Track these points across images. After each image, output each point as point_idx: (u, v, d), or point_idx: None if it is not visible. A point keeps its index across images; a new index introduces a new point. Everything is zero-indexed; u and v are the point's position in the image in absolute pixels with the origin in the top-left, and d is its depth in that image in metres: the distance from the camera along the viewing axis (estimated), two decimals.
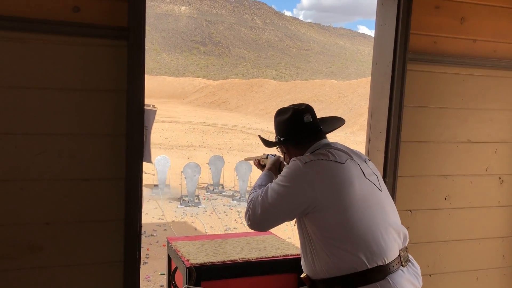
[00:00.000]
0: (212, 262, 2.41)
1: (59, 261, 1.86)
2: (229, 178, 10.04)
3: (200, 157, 13.74)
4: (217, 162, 9.42)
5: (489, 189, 2.61)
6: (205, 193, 9.21)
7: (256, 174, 8.37)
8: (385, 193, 1.79)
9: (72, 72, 1.82)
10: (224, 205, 8.33)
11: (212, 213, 7.79)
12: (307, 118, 1.84)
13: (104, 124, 1.88)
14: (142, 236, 2.05)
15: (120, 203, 1.92)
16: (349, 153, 1.77)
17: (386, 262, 1.62)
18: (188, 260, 2.42)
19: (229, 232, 6.72)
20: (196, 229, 6.78)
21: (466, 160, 2.53)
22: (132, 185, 1.93)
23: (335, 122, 1.96)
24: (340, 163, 1.69)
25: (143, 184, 1.99)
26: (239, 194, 8.77)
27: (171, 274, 2.47)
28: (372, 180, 1.74)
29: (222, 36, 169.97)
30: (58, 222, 1.85)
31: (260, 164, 2.26)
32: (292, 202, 1.67)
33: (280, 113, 1.93)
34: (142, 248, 2.03)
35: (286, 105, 2.05)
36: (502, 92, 2.55)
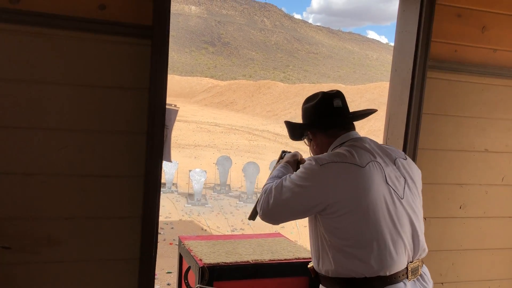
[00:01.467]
0: (225, 263, 2.42)
1: (77, 255, 1.87)
2: (236, 179, 10.06)
3: (207, 157, 13.77)
4: (224, 163, 9.45)
5: (504, 199, 2.59)
6: (212, 193, 9.23)
7: (264, 175, 8.35)
8: (407, 200, 1.69)
9: (95, 69, 1.83)
10: (230, 206, 8.34)
11: (218, 213, 7.81)
12: (337, 102, 1.76)
13: (125, 121, 1.89)
14: None
15: (139, 201, 1.93)
16: (375, 153, 1.68)
17: (388, 274, 1.58)
18: (201, 260, 2.43)
19: (235, 232, 6.73)
20: (202, 229, 6.79)
21: (482, 169, 2.52)
22: (151, 183, 1.94)
23: (366, 110, 1.87)
24: (360, 166, 1.61)
25: None
26: (246, 195, 8.78)
27: (184, 273, 2.47)
28: (394, 186, 1.65)
29: (231, 37, 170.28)
30: (77, 217, 1.86)
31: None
32: (305, 202, 1.64)
33: (309, 99, 1.85)
34: None
35: (294, 107, 2.02)
36: None
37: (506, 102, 2.51)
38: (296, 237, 6.21)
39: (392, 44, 2.67)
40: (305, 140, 1.92)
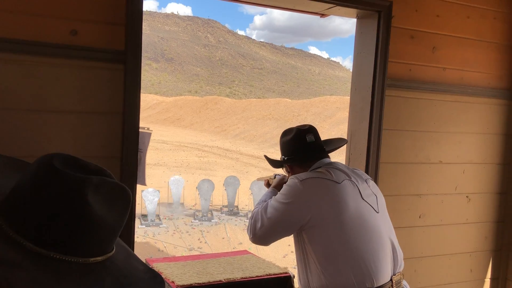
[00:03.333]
0: (198, 284, 2.41)
1: None
2: (189, 197, 9.97)
3: (157, 175, 13.55)
4: (177, 183, 9.36)
5: (458, 207, 2.78)
6: (166, 212, 9.09)
7: (218, 192, 8.36)
8: (383, 215, 1.83)
9: (68, 94, 1.81)
10: (186, 225, 8.26)
11: (174, 233, 7.70)
12: (310, 138, 1.91)
13: (99, 146, 1.87)
14: None
15: None
16: (348, 173, 1.82)
17: (375, 286, 1.66)
18: (173, 282, 2.41)
19: (193, 252, 6.66)
20: (159, 250, 6.67)
21: (438, 180, 2.69)
22: None
23: (337, 142, 2.04)
24: (337, 182, 1.74)
25: None
26: (201, 213, 8.72)
27: None
28: (370, 202, 1.78)
29: (175, 53, 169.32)
30: None
31: (268, 184, 2.31)
32: (290, 218, 1.73)
33: (285, 134, 2.00)
34: None
35: (242, 123, 2.13)
36: (469, 116, 2.74)
37: (456, 117, 2.71)
38: (254, 252, 6.24)
39: (333, 59, 2.84)
40: (284, 170, 2.07)
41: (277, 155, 2.14)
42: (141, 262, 1.03)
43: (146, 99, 56.07)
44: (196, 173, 14.91)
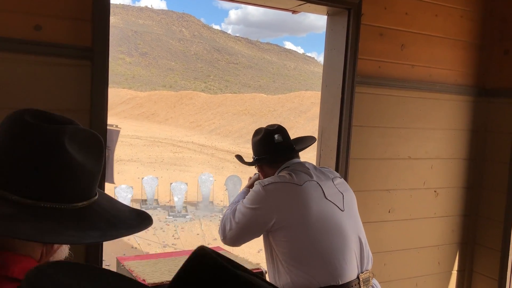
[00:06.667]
0: (170, 281, 2.40)
1: None
2: (163, 193, 9.90)
3: (131, 171, 13.39)
4: (151, 182, 9.27)
5: (426, 201, 2.84)
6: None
7: (192, 188, 8.28)
8: (349, 212, 1.84)
9: (33, 91, 1.77)
10: (160, 221, 8.20)
11: (148, 230, 7.64)
12: (278, 138, 1.94)
13: None
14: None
15: None
16: (312, 174, 1.85)
17: (340, 283, 1.69)
18: (144, 280, 2.39)
19: (167, 249, 6.62)
20: (133, 247, 6.60)
21: (406, 175, 2.74)
22: None
23: (306, 140, 2.07)
24: (298, 185, 1.78)
25: None
26: (175, 209, 8.67)
27: None
28: (334, 200, 1.80)
29: (149, 47, 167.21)
30: None
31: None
32: (255, 223, 1.80)
33: (255, 134, 2.03)
34: None
35: (217, 118, 2.14)
36: (437, 113, 2.80)
37: (425, 113, 2.76)
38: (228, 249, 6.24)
39: (308, 54, 2.86)
40: (257, 169, 2.11)
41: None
42: (123, 204, 1.08)
43: (120, 94, 55.24)
44: (171, 168, 14.81)
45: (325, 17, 2.63)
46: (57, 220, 0.85)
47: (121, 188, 8.21)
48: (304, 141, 2.06)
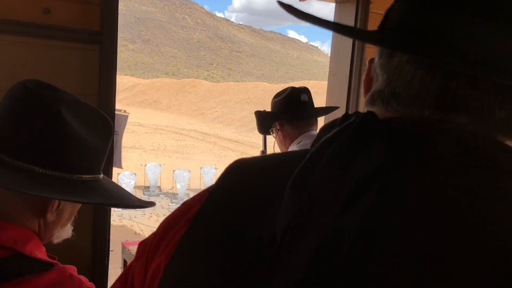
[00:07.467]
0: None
1: None
2: (166, 181, 9.93)
3: (133, 158, 13.43)
4: (154, 169, 9.31)
5: None
6: (142, 196, 9.05)
7: (195, 175, 8.28)
8: None
9: (42, 75, 1.76)
10: (163, 208, 8.23)
11: (151, 216, 7.68)
12: (304, 97, 1.90)
13: None
14: None
15: (90, 207, 1.89)
16: None
17: None
18: None
19: None
20: (136, 233, 6.65)
21: None
22: None
23: (328, 108, 2.07)
24: None
25: None
26: (178, 196, 8.71)
27: None
28: None
29: (152, 34, 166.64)
30: None
31: None
32: None
33: (278, 94, 1.97)
34: None
35: (220, 106, 2.12)
36: None
37: None
38: None
39: (312, 43, 2.85)
40: (273, 131, 2.01)
41: (256, 139, 2.14)
42: (130, 193, 1.08)
43: (122, 81, 55.19)
44: (174, 156, 14.84)
45: (330, 5, 2.61)
46: (48, 185, 0.85)
47: (124, 175, 8.24)
48: (326, 109, 2.05)
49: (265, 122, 2.01)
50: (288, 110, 1.90)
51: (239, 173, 0.55)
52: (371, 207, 0.41)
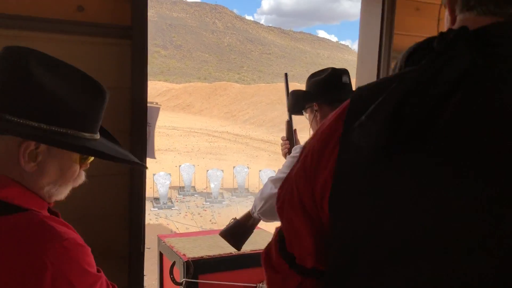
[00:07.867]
0: (209, 256, 2.48)
1: None
2: (200, 181, 10.06)
3: (168, 160, 13.66)
4: (188, 169, 9.45)
5: None
6: (177, 195, 9.20)
7: (228, 176, 8.36)
8: None
9: None
10: (197, 207, 8.35)
11: (186, 215, 7.80)
12: (345, 79, 1.84)
13: (109, 120, 1.90)
14: None
15: (125, 199, 1.95)
16: None
17: None
18: (184, 255, 2.47)
19: None
20: (171, 231, 6.77)
21: None
22: (136, 179, 1.97)
23: None
24: None
25: None
26: (212, 196, 8.81)
27: (169, 269, 2.51)
28: None
29: (183, 40, 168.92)
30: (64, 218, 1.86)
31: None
32: None
33: (317, 74, 1.90)
34: None
35: (251, 108, 2.06)
36: None
37: None
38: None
39: (342, 42, 2.84)
40: (307, 112, 1.92)
41: None
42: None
43: (156, 87, 56.16)
44: (207, 157, 15.01)
45: (359, 4, 2.60)
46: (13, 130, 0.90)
47: (160, 175, 8.40)
48: None
49: (300, 101, 1.93)
50: (330, 91, 1.81)
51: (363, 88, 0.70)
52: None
